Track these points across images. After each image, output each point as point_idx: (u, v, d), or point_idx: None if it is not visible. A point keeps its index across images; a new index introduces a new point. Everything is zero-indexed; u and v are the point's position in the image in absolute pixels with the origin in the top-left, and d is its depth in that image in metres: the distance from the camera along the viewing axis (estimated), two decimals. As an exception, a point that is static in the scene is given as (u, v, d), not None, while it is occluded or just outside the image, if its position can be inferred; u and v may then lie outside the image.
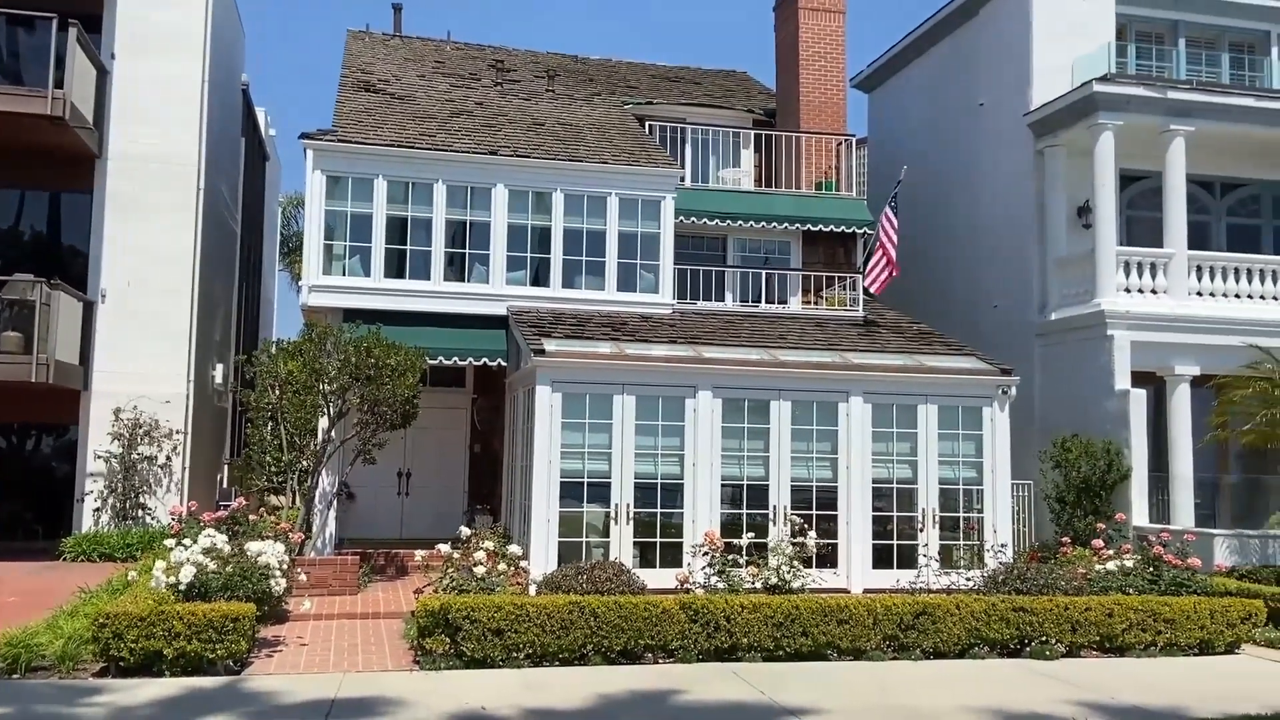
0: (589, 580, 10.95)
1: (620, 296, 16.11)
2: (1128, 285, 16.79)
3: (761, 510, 13.90)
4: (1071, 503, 15.85)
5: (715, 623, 10.51)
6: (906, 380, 14.55)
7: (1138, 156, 17.66)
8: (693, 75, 22.68)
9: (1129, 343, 16.25)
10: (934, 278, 21.02)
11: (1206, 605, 11.55)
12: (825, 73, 19.37)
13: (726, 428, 13.94)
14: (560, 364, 13.43)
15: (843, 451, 14.19)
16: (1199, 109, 16.98)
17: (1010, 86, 18.87)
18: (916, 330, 16.98)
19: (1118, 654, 11.25)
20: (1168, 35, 19.88)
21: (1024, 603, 11.21)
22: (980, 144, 19.89)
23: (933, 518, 14.30)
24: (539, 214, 15.94)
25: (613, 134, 17.61)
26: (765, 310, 17.36)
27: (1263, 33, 20.11)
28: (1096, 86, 16.70)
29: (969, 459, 14.63)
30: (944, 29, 21.08)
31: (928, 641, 10.91)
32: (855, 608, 10.84)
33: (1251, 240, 19.08)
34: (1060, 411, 17.18)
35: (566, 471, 13.34)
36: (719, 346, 14.85)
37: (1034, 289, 18.22)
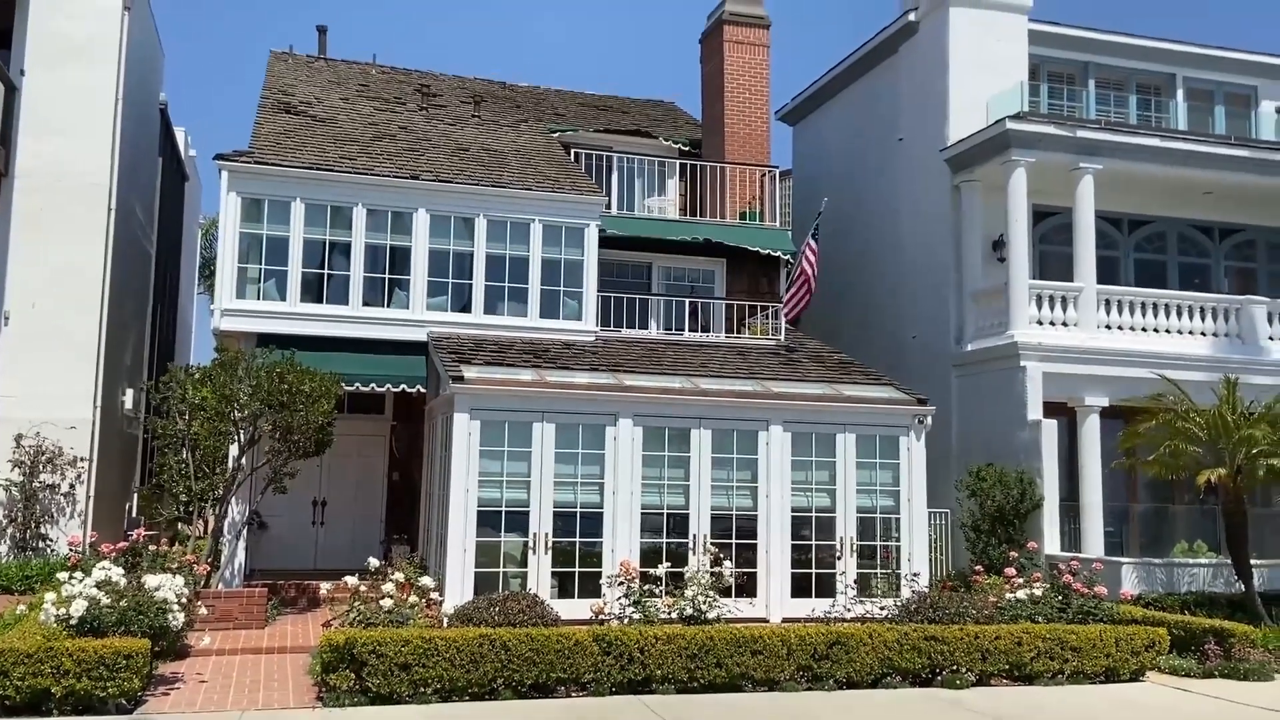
0: (501, 612, 10.78)
1: (543, 323, 16.03)
2: (1040, 318, 17.20)
3: (681, 539, 13.86)
4: (987, 531, 16.10)
5: (629, 654, 10.41)
6: (825, 409, 14.67)
7: (1050, 193, 18.15)
8: (620, 104, 22.79)
9: (1041, 374, 16.62)
10: (856, 308, 21.33)
11: (1112, 633, 11.78)
12: (750, 105, 19.62)
13: (647, 456, 13.90)
14: (479, 391, 13.28)
15: (762, 480, 14.24)
16: (1107, 148, 17.53)
17: (928, 122, 19.31)
18: (837, 360, 17.17)
19: (1026, 682, 11.40)
20: (1078, 76, 20.57)
21: (936, 632, 11.32)
22: (900, 178, 20.29)
23: (851, 546, 14.40)
24: (461, 239, 15.82)
25: (538, 161, 17.59)
26: (689, 338, 17.42)
27: (1168, 76, 20.92)
28: (1009, 124, 17.17)
29: (886, 488, 14.79)
30: (866, 65, 21.52)
31: (841, 671, 10.94)
32: (769, 638, 10.83)
33: (1157, 275, 19.71)
34: (977, 441, 17.48)
35: (484, 500, 13.17)
36: (641, 374, 14.83)
37: (951, 320, 18.58)
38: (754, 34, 19.62)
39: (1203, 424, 14.00)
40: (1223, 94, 21.24)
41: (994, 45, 18.97)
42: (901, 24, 20.13)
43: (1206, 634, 12.31)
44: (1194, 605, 14.00)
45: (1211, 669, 11.90)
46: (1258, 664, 11.88)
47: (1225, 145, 18.38)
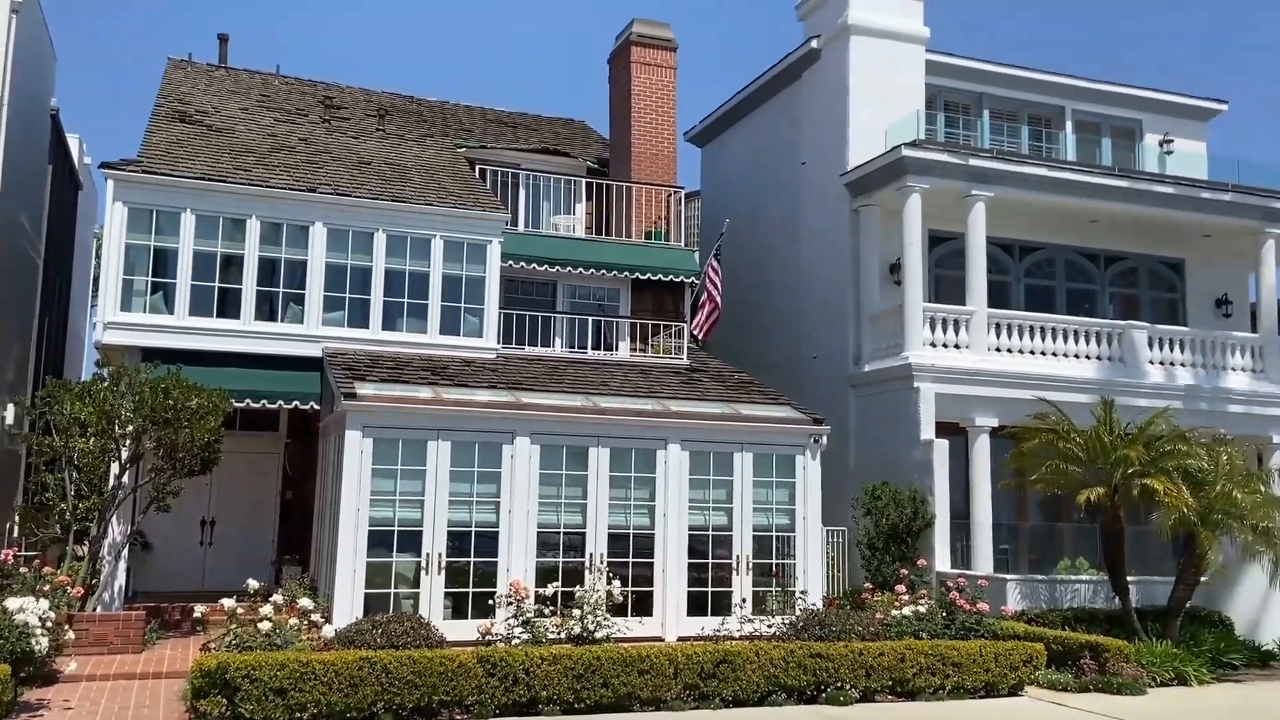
0: (385, 634, 10.61)
1: (442, 340, 15.88)
2: (934, 340, 17.62)
3: (578, 558, 13.85)
4: (881, 549, 16.37)
5: (514, 676, 10.33)
6: (723, 428, 14.83)
7: (945, 218, 18.65)
8: (530, 122, 22.80)
9: (934, 395, 17.01)
10: (759, 328, 21.60)
11: (992, 649, 12.08)
12: (657, 126, 19.79)
13: (545, 474, 13.87)
14: (372, 408, 13.11)
15: (660, 499, 14.32)
16: (998, 176, 18.10)
17: (830, 147, 19.71)
18: (737, 379, 17.35)
19: (909, 698, 11.61)
20: (973, 106, 21.23)
21: (821, 649, 11.47)
22: (803, 201, 20.65)
23: (747, 564, 14.54)
24: (360, 254, 15.61)
25: (442, 176, 17.47)
26: (591, 357, 17.44)
27: (1058, 108, 21.72)
28: (905, 151, 17.61)
29: (783, 506, 14.99)
30: (771, 89, 21.89)
31: (728, 690, 11.00)
32: (657, 657, 10.85)
33: (1047, 300, 20.37)
34: (873, 460, 17.80)
35: (376, 520, 12.98)
36: (541, 392, 14.80)
37: (850, 341, 18.93)
38: (661, 56, 19.82)
39: (1082, 444, 14.49)
40: (1109, 127, 22.12)
41: (893, 74, 19.47)
42: (805, 51, 20.54)
43: (1083, 649, 12.70)
44: (1075, 621, 14.43)
45: (1087, 683, 12.28)
46: (1131, 678, 12.30)
47: (1110, 176, 19.11)
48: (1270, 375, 19.16)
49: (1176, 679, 12.90)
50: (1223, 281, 21.58)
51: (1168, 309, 21.36)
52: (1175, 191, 19.21)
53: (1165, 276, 21.57)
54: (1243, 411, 18.67)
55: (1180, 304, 21.47)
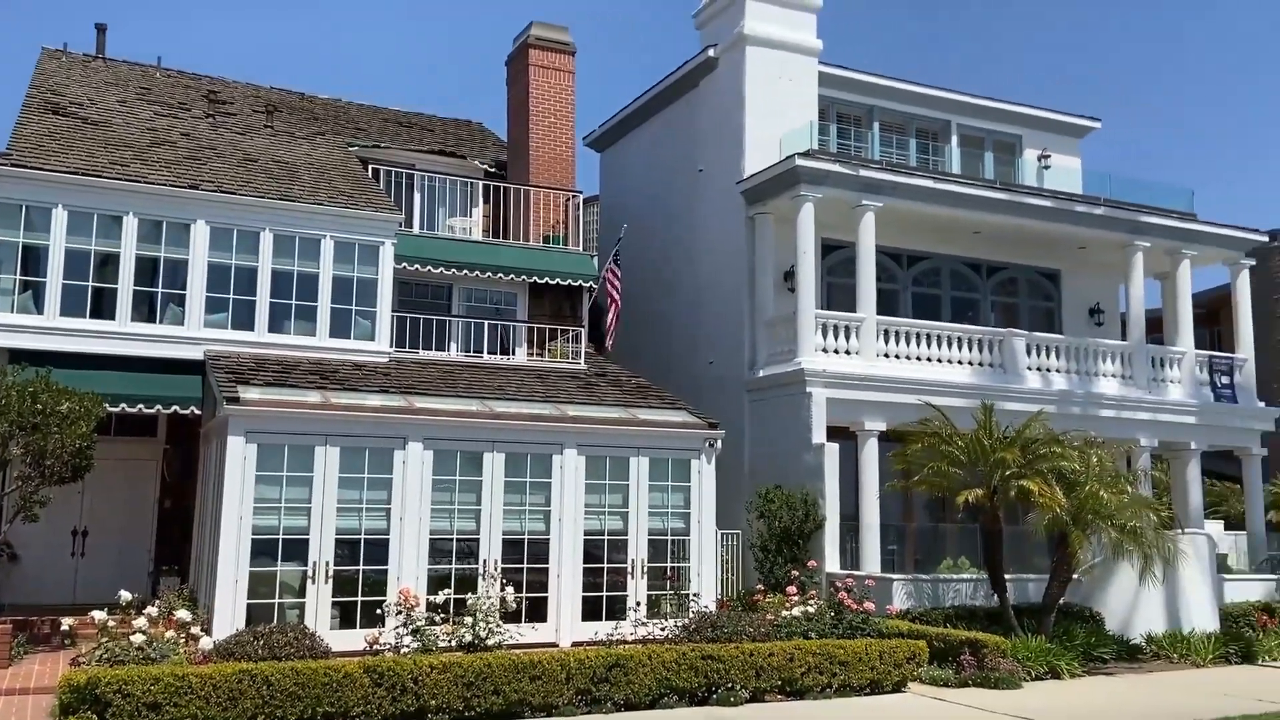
0: (266, 645, 10.32)
1: (332, 343, 15.54)
2: (826, 346, 17.99)
3: (472, 565, 13.72)
4: (774, 551, 16.64)
5: (401, 685, 10.14)
6: (620, 433, 14.88)
7: (837, 227, 19.07)
8: (426, 122, 22.50)
9: (825, 399, 17.38)
10: (657, 333, 21.74)
11: (877, 647, 12.38)
12: (555, 129, 19.76)
13: (438, 480, 13.72)
14: (257, 413, 12.75)
15: (556, 504, 14.29)
16: (887, 187, 18.61)
17: (726, 155, 19.97)
18: (634, 384, 17.43)
19: (798, 697, 11.81)
20: (864, 119, 21.79)
21: (713, 650, 11.58)
22: (700, 207, 20.87)
23: (642, 568, 14.61)
24: (245, 254, 15.16)
25: (333, 175, 17.10)
26: (487, 361, 17.29)
27: (944, 122, 22.46)
28: (798, 161, 17.96)
29: (678, 510, 15.12)
30: (669, 96, 22.07)
31: (620, 694, 11.02)
32: (548, 663, 10.80)
33: (933, 308, 21.02)
34: (767, 463, 18.08)
35: (260, 528, 12.64)
36: (434, 397, 14.62)
37: (745, 347, 19.19)
38: (559, 59, 19.80)
39: (963, 447, 14.98)
40: (992, 141, 22.98)
41: (787, 85, 19.86)
42: (702, 59, 20.78)
43: (963, 646, 13.13)
44: (956, 618, 14.89)
45: (966, 678, 12.68)
46: (1007, 673, 12.74)
47: (992, 189, 19.84)
48: (1138, 381, 20.15)
49: (1050, 673, 13.43)
50: (1095, 291, 22.62)
51: (1045, 317, 22.28)
52: (1052, 205, 20.06)
53: (1043, 286, 22.49)
54: (1113, 415, 19.58)
55: (1056, 312, 22.43)
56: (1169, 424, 20.23)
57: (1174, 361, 20.82)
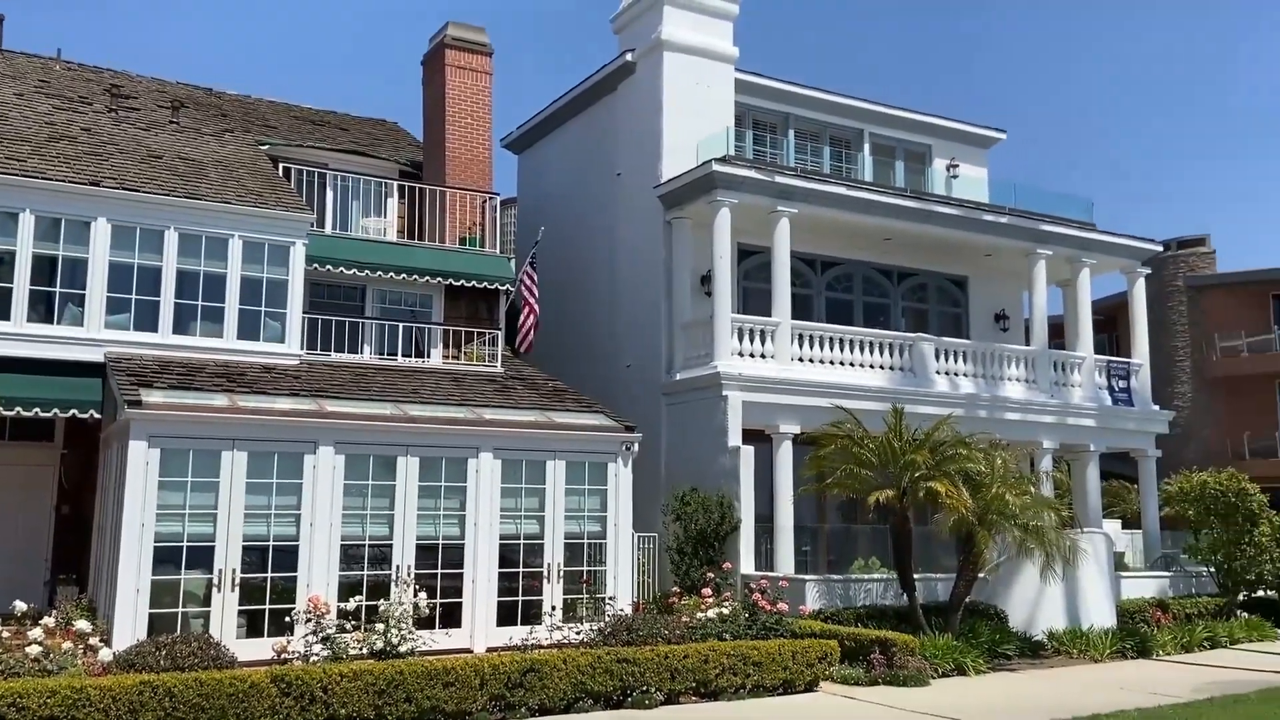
0: (169, 656, 10.04)
1: (241, 345, 15.16)
2: (742, 350, 18.19)
3: (385, 571, 13.51)
4: (690, 553, 16.75)
5: (311, 694, 9.95)
6: (536, 436, 14.82)
7: (753, 232, 19.30)
8: (339, 120, 22.11)
9: (741, 403, 17.56)
10: (575, 336, 21.71)
11: (790, 647, 12.56)
12: (472, 130, 19.59)
13: (350, 485, 13.50)
14: (160, 416, 12.39)
15: (471, 508, 14.18)
16: (802, 193, 18.90)
17: (644, 159, 20.06)
18: (551, 387, 17.37)
19: (712, 698, 11.91)
20: (780, 126, 22.11)
21: (628, 654, 11.61)
22: (618, 211, 20.92)
23: (558, 572, 14.57)
24: (149, 253, 14.69)
25: (241, 173, 16.68)
26: (402, 364, 17.05)
27: (857, 131, 22.91)
28: (715, 166, 18.13)
29: (595, 513, 15.11)
30: (588, 99, 22.08)
31: (535, 699, 10.98)
32: (462, 669, 10.70)
33: (845, 313, 21.42)
34: (684, 466, 18.19)
35: (163, 535, 12.28)
36: (347, 400, 14.36)
37: (663, 350, 19.29)
38: (476, 60, 19.64)
39: (874, 450, 15.29)
40: (903, 150, 23.53)
41: (704, 91, 20.03)
42: (621, 63, 20.84)
43: (873, 644, 13.39)
44: (867, 618, 15.20)
45: (876, 677, 12.95)
46: (915, 671, 13.04)
47: (902, 197, 20.30)
48: (1041, 385, 20.83)
49: (956, 669, 13.78)
50: (1001, 298, 23.31)
51: (953, 322, 22.87)
52: (960, 213, 20.61)
53: (951, 292, 23.09)
54: (1018, 418, 20.20)
55: (964, 318, 23.05)
56: (1070, 426, 20.96)
57: (1075, 366, 21.57)
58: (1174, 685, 13.25)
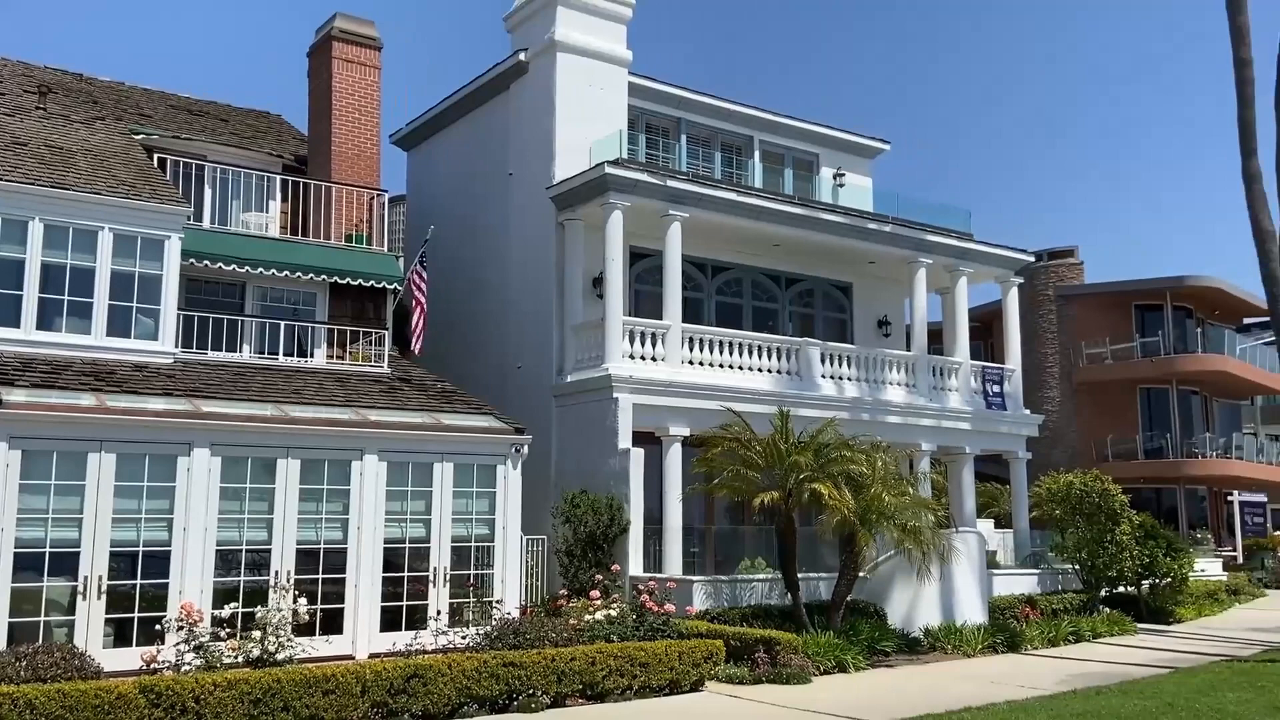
0: (30, 666, 9.54)
1: (111, 343, 14.50)
2: (633, 352, 18.27)
3: (263, 577, 13.12)
4: (579, 555, 16.73)
5: (182, 705, 9.57)
6: (424, 438, 14.60)
7: (645, 235, 19.41)
8: (220, 111, 21.36)
9: (631, 405, 17.63)
10: (465, 338, 21.47)
11: (676, 648, 12.65)
12: (359, 125, 19.18)
13: (226, 488, 13.08)
14: (21, 416, 11.80)
15: (354, 512, 13.89)
16: (693, 198, 19.09)
17: (537, 160, 19.97)
18: (440, 388, 17.13)
19: (599, 700, 11.90)
20: (672, 130, 22.31)
21: (514, 657, 11.52)
22: (510, 211, 20.77)
23: (445, 576, 14.37)
24: (11, 245, 13.94)
25: (113, 163, 15.97)
26: (283, 363, 16.57)
27: (748, 138, 23.29)
28: (608, 169, 18.17)
29: (483, 516, 14.97)
30: (481, 97, 21.87)
31: (418, 705, 10.79)
32: (343, 676, 10.45)
33: (735, 317, 21.75)
34: (574, 469, 18.17)
35: (25, 541, 11.71)
36: (224, 401, 13.89)
37: (554, 352, 19.23)
38: (365, 54, 19.23)
39: (761, 452, 15.55)
40: (791, 158, 24.01)
41: (598, 93, 20.07)
42: (513, 62, 20.70)
43: (758, 643, 13.60)
44: (753, 617, 15.43)
45: (760, 675, 13.15)
46: (798, 669, 13.29)
47: (791, 204, 20.71)
48: (920, 390, 21.52)
49: (838, 667, 14.10)
50: (884, 304, 24.01)
51: (838, 328, 23.45)
52: (845, 221, 21.14)
53: (836, 298, 23.67)
54: (899, 421, 20.82)
55: (849, 323, 23.65)
56: (947, 430, 21.71)
57: (952, 371, 22.35)
58: (1041, 678, 13.83)
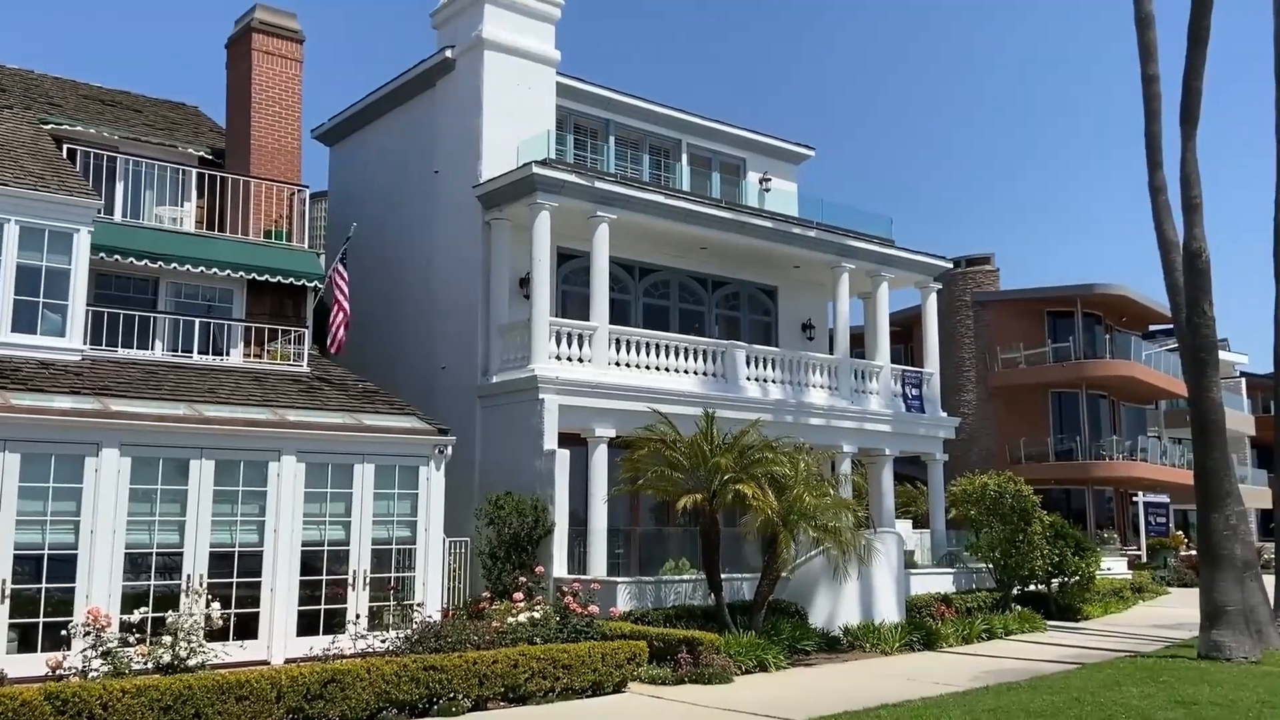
0: (-79, 678, 9.09)
1: (15, 339, 13.97)
2: (559, 354, 18.21)
3: (175, 581, 12.78)
4: (503, 558, 16.61)
5: (89, 712, 9.26)
6: (344, 439, 14.36)
7: (573, 236, 19.38)
8: (134, 102, 20.72)
9: (557, 406, 17.57)
10: (388, 337, 21.17)
11: (600, 649, 12.64)
12: (280, 119, 18.77)
13: (137, 490, 12.72)
14: (-84, 416, 11.24)
15: (271, 514, 13.61)
16: (621, 200, 19.11)
17: (463, 158, 19.79)
18: (361, 388, 16.85)
19: (521, 702, 11.83)
20: (601, 132, 22.31)
21: (435, 661, 11.39)
22: (436, 209, 20.54)
23: (364, 580, 14.15)
24: (-93, 235, 13.33)
25: (19, 153, 15.38)
26: (198, 362, 16.13)
27: (675, 141, 23.43)
28: (535, 169, 18.08)
29: (405, 518, 14.77)
30: (406, 94, 21.59)
31: (336, 710, 10.60)
32: (257, 681, 10.21)
33: (662, 319, 21.84)
34: (499, 470, 18.04)
35: (-83, 546, 11.14)
36: (135, 399, 13.49)
37: (479, 353, 19.07)
38: (286, 46, 18.83)
39: (686, 453, 15.63)
40: (719, 162, 24.21)
41: (525, 92, 19.97)
42: (440, 59, 20.49)
43: (681, 644, 13.66)
44: (676, 618, 15.49)
45: (683, 675, 13.20)
46: (720, 668, 13.38)
47: (718, 208, 20.87)
48: (843, 392, 21.85)
49: (759, 666, 14.23)
50: (808, 308, 24.35)
51: (763, 331, 23.70)
52: (771, 226, 21.38)
53: (762, 301, 23.92)
54: (821, 424, 21.12)
55: (774, 326, 23.93)
56: (868, 432, 22.08)
57: (873, 375, 22.74)
58: (955, 675, 14.15)
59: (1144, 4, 18.11)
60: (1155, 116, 18.03)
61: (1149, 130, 18.08)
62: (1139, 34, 18.21)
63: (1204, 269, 17.17)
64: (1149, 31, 18.11)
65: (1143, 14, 18.12)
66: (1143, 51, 18.17)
